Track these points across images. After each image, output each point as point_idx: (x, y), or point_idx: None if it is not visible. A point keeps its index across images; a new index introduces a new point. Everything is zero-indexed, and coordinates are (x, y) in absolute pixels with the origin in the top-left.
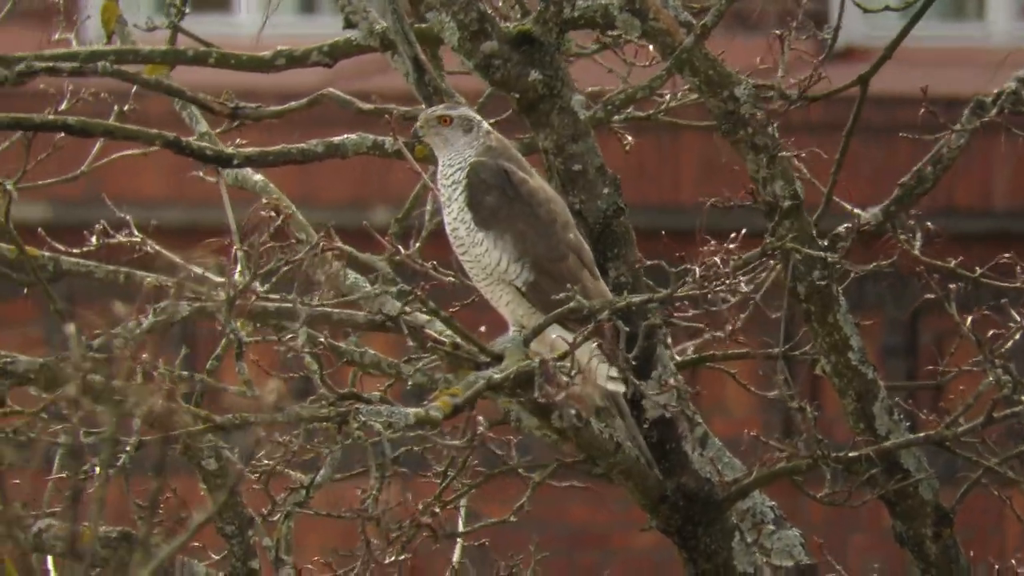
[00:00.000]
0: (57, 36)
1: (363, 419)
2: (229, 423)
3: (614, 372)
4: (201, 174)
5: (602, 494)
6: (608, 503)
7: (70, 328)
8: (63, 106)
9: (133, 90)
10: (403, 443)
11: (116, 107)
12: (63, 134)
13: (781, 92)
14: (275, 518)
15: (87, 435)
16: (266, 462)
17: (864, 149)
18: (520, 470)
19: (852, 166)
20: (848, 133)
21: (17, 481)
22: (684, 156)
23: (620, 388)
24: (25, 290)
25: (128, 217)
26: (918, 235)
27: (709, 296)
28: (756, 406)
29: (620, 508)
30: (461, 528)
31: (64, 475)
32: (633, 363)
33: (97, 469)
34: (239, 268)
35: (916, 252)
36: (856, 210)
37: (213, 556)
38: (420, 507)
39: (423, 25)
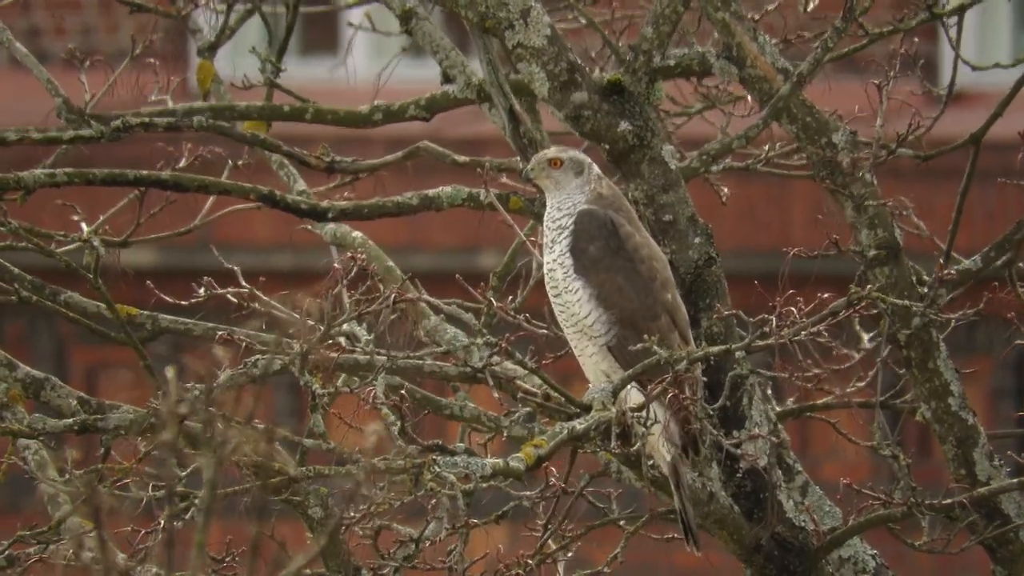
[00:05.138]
0: (156, 94)
1: (437, 470)
2: (318, 472)
3: (669, 451)
4: (310, 226)
5: (709, 538)
6: (716, 545)
7: (168, 373)
8: (182, 163)
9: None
10: (510, 496)
11: (230, 161)
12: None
13: (883, 144)
14: (385, 572)
15: (182, 481)
16: (375, 519)
17: (974, 194)
18: (621, 521)
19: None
20: (963, 192)
21: (121, 528)
22: (795, 200)
23: (664, 471)
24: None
25: (236, 268)
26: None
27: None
28: (868, 451)
29: (725, 551)
30: None
31: (161, 521)
32: (712, 414)
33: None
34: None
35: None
36: (961, 259)
37: None
38: (518, 559)
39: (519, 76)
